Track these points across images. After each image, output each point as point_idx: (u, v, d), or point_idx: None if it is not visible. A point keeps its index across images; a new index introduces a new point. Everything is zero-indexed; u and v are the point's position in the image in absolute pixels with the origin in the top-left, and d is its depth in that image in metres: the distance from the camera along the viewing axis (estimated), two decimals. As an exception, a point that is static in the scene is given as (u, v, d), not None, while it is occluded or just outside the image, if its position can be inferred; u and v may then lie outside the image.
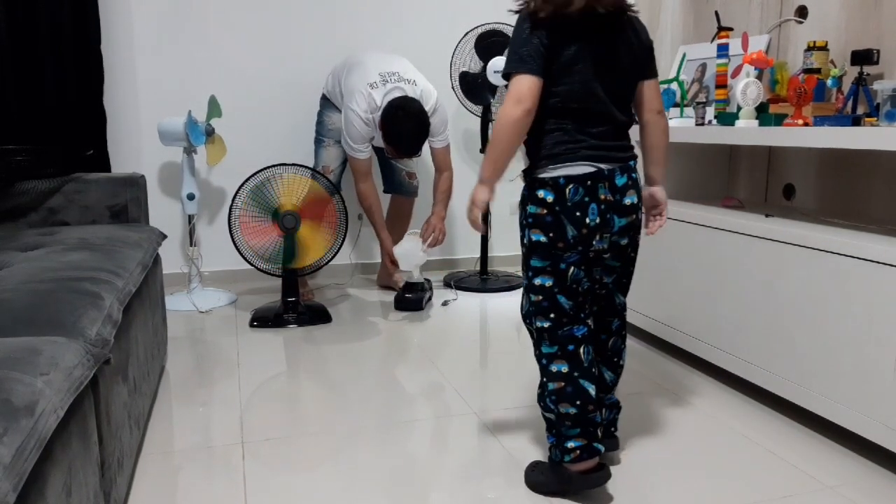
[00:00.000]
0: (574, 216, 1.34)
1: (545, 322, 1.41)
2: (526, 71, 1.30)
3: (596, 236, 1.36)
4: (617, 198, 1.37)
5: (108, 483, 1.18)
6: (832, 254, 1.58)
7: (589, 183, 1.34)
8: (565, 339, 1.40)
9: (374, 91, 2.68)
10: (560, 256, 1.37)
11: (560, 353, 1.40)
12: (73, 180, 2.09)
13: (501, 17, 3.20)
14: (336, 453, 1.60)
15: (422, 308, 2.78)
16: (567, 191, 1.34)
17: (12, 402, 0.80)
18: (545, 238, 1.36)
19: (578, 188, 1.33)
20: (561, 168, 1.34)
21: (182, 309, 2.78)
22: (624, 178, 1.37)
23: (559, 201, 1.34)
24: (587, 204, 1.34)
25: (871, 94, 1.81)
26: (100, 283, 1.36)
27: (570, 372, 1.39)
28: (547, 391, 1.42)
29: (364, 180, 2.79)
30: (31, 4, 2.61)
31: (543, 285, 1.39)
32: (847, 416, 1.58)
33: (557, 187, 1.34)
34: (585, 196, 1.34)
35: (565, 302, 1.39)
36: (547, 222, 1.36)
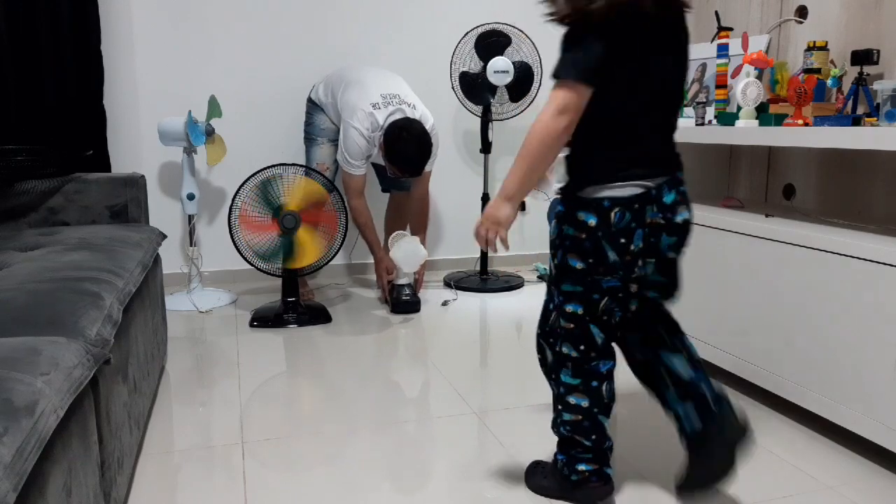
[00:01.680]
0: (618, 241, 1.22)
1: (572, 351, 1.32)
2: (576, 78, 1.15)
3: (639, 262, 1.26)
4: (668, 216, 1.24)
5: (108, 483, 1.18)
6: (832, 254, 1.58)
7: (636, 206, 1.21)
8: (590, 375, 1.31)
9: (377, 112, 2.69)
10: (597, 283, 1.26)
11: (582, 387, 1.32)
12: (73, 180, 2.09)
13: (501, 17, 3.21)
14: (336, 453, 1.60)
15: (419, 310, 2.78)
16: (612, 216, 1.21)
17: (12, 401, 0.80)
18: (582, 264, 1.25)
19: (625, 213, 1.21)
20: (606, 189, 1.21)
21: (182, 309, 2.78)
22: (672, 195, 1.24)
23: (602, 226, 1.22)
24: (633, 230, 1.22)
25: (871, 94, 1.81)
26: (100, 283, 1.36)
27: (590, 408, 1.32)
28: (562, 419, 1.36)
29: (357, 197, 2.79)
30: (32, 4, 2.61)
31: (575, 312, 1.29)
32: (847, 416, 1.58)
33: (601, 210, 1.21)
34: (632, 221, 1.22)
35: (598, 334, 1.30)
36: (586, 248, 1.24)
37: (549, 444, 1.65)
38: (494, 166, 3.53)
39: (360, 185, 2.79)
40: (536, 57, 3.09)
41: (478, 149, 3.23)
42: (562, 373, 1.35)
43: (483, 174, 3.25)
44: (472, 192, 3.44)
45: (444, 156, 3.48)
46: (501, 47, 3.04)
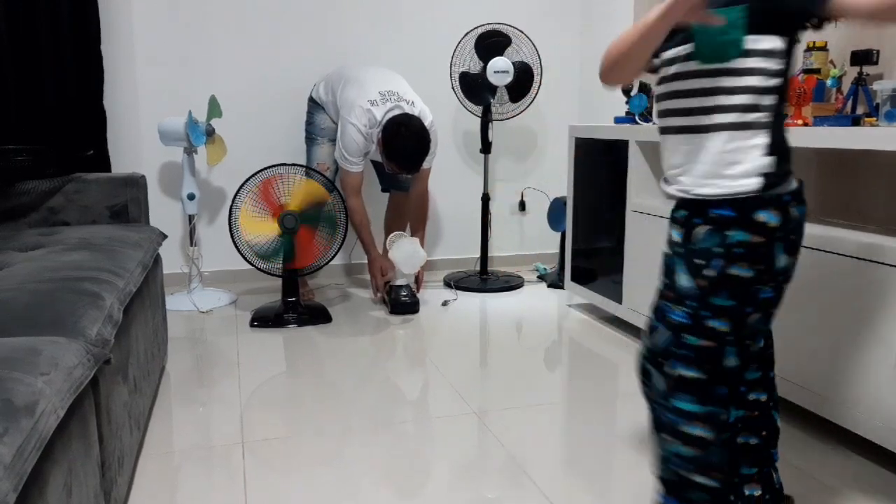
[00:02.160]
0: (790, 239, 1.06)
1: (697, 372, 1.09)
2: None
3: (795, 265, 1.10)
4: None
5: (109, 483, 1.18)
6: (832, 254, 1.59)
7: (803, 196, 1.07)
8: (718, 402, 1.10)
9: (375, 108, 2.69)
10: (755, 296, 1.07)
11: (706, 416, 1.09)
12: (73, 180, 2.09)
13: (501, 17, 3.21)
14: (336, 453, 1.60)
15: (418, 311, 2.78)
16: (790, 212, 1.05)
17: (13, 402, 0.80)
18: (752, 272, 1.05)
19: (800, 205, 1.07)
20: (784, 182, 1.05)
21: (182, 309, 2.78)
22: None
23: (784, 225, 1.05)
24: (803, 225, 1.08)
25: (871, 95, 1.81)
26: (100, 283, 1.36)
27: (717, 437, 1.09)
28: (680, 456, 1.11)
29: (355, 195, 2.79)
30: (32, 4, 2.61)
31: (716, 330, 1.07)
32: (848, 416, 1.58)
33: (782, 207, 1.04)
34: (803, 216, 1.08)
35: (732, 359, 1.09)
36: (760, 253, 1.05)
37: (548, 445, 1.65)
38: (494, 166, 3.53)
39: (357, 183, 2.79)
40: (536, 57, 3.09)
41: (478, 149, 3.23)
42: (680, 400, 1.11)
43: (483, 174, 3.25)
44: (472, 192, 3.44)
45: (444, 156, 3.48)
46: (501, 47, 3.04)
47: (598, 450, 1.62)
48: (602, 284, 2.68)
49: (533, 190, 3.61)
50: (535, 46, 3.09)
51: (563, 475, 1.51)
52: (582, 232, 2.78)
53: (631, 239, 2.36)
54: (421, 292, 2.93)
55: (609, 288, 2.60)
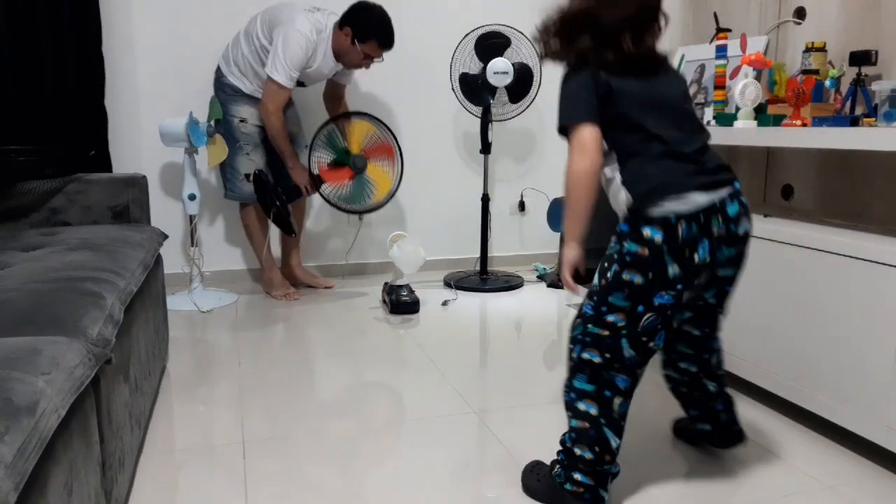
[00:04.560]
0: (682, 255, 1.23)
1: (595, 357, 1.30)
2: (580, 120, 1.26)
3: (701, 274, 1.28)
4: (731, 228, 1.27)
5: (110, 482, 1.19)
6: (831, 254, 1.59)
7: (702, 218, 1.23)
8: (606, 384, 1.31)
9: (317, 14, 2.68)
10: (649, 298, 1.26)
11: (595, 394, 1.31)
12: (74, 180, 2.10)
13: (501, 18, 3.21)
14: (336, 453, 1.61)
15: (418, 310, 2.78)
16: (679, 230, 1.22)
17: (14, 401, 0.80)
18: (642, 279, 1.25)
19: (691, 225, 1.22)
20: (670, 202, 1.22)
21: (183, 309, 2.78)
22: (735, 206, 1.28)
23: (668, 241, 1.22)
24: (698, 241, 1.24)
25: (870, 95, 1.81)
26: (101, 283, 1.37)
27: (598, 417, 1.31)
28: (569, 426, 1.36)
29: (280, 112, 2.71)
30: (32, 5, 2.61)
31: (614, 324, 1.28)
32: (847, 416, 1.58)
33: (667, 226, 1.22)
34: (698, 233, 1.23)
35: (627, 350, 1.29)
36: (647, 262, 1.24)
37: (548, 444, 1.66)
38: (494, 167, 3.54)
39: (285, 100, 2.73)
40: (536, 58, 3.09)
41: (477, 149, 3.23)
42: (577, 378, 1.33)
43: (483, 175, 3.25)
44: (472, 192, 3.44)
45: (443, 156, 3.49)
46: (501, 48, 3.05)
47: (597, 449, 1.62)
48: (602, 285, 2.68)
49: (533, 190, 3.62)
50: (534, 47, 3.09)
51: (563, 475, 1.51)
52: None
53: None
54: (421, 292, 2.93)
55: (609, 288, 2.60)
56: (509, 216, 3.64)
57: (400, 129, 3.34)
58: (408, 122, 3.37)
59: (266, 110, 2.71)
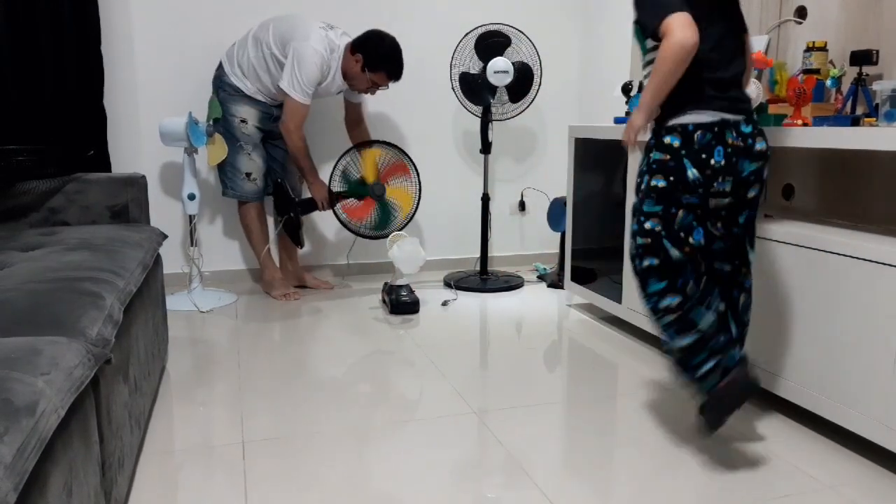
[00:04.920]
0: (699, 158, 1.43)
1: (653, 260, 1.49)
2: (674, 10, 1.40)
3: (719, 178, 1.45)
4: (749, 143, 1.47)
5: (109, 482, 1.19)
6: (832, 254, 1.59)
7: (717, 129, 1.43)
8: (673, 276, 1.47)
9: (330, 32, 2.71)
10: (677, 199, 1.46)
11: (669, 287, 1.47)
12: (73, 180, 2.10)
13: (501, 17, 3.21)
14: (336, 453, 1.61)
15: (418, 310, 2.78)
16: (695, 136, 1.43)
17: (13, 401, 0.80)
18: (665, 182, 1.46)
19: (706, 133, 1.43)
20: (690, 115, 1.43)
21: (183, 309, 2.78)
22: (749, 127, 1.47)
23: (685, 146, 1.44)
24: (713, 147, 1.43)
25: (871, 95, 1.81)
26: (100, 283, 1.37)
27: (682, 303, 1.45)
28: (665, 332, 1.48)
29: (300, 129, 2.73)
30: (32, 5, 2.61)
31: (652, 229, 1.48)
32: (847, 416, 1.58)
33: (685, 133, 1.44)
34: (712, 140, 1.43)
35: (672, 250, 1.47)
36: (669, 167, 1.45)
37: (548, 444, 1.66)
38: (494, 166, 3.54)
39: (305, 115, 2.74)
40: (536, 57, 3.09)
41: (478, 149, 3.23)
42: (650, 284, 1.50)
43: (483, 174, 3.25)
44: (472, 192, 3.44)
45: (443, 156, 3.49)
46: (501, 48, 3.04)
47: (598, 449, 1.62)
48: (602, 284, 2.68)
49: (533, 190, 3.61)
50: (534, 47, 3.09)
51: (563, 475, 1.51)
52: (582, 232, 2.78)
53: (631, 239, 2.36)
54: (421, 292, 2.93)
55: (609, 288, 2.60)
56: (509, 216, 3.64)
57: (400, 129, 3.34)
58: (408, 121, 3.37)
59: (287, 128, 2.72)
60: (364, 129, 3.09)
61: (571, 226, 2.81)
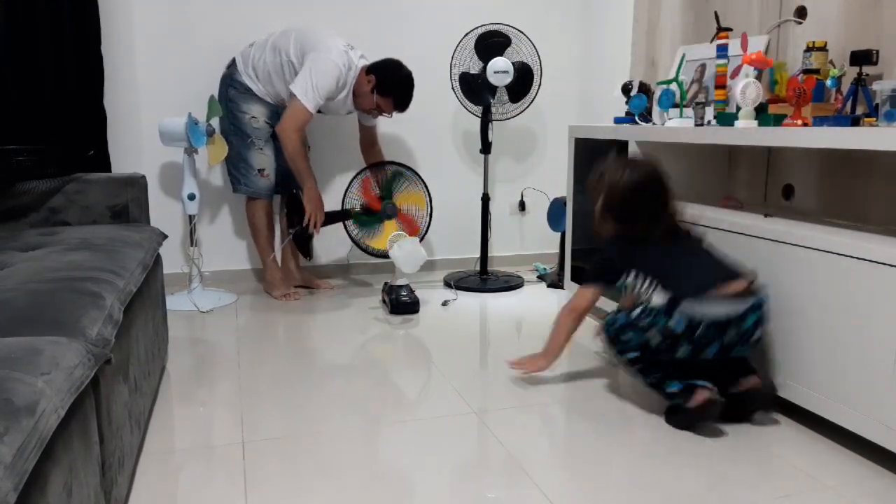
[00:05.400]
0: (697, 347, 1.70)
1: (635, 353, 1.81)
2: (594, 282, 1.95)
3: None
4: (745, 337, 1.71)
5: (109, 482, 1.19)
6: (832, 254, 1.59)
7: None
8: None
9: (351, 52, 2.73)
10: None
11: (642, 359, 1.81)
12: (73, 180, 2.09)
13: (501, 17, 3.21)
14: (336, 453, 1.61)
15: (418, 310, 2.78)
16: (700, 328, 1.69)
17: (13, 401, 0.80)
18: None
19: (710, 327, 1.68)
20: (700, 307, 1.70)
21: (183, 309, 2.78)
22: (755, 317, 1.70)
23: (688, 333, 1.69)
24: (712, 341, 1.69)
25: (871, 95, 1.81)
26: (101, 283, 1.37)
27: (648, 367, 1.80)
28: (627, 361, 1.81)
29: (300, 131, 2.72)
30: (32, 5, 2.61)
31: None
32: (847, 416, 1.58)
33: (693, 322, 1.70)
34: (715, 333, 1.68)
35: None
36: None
37: (548, 444, 1.66)
38: (494, 166, 3.54)
39: (307, 121, 2.72)
40: (536, 57, 3.09)
41: (478, 149, 3.23)
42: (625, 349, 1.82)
43: (483, 174, 3.25)
44: (472, 192, 3.44)
45: (443, 156, 3.49)
46: (501, 48, 3.04)
47: (597, 449, 1.62)
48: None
49: (533, 190, 3.61)
50: (534, 47, 3.09)
51: (563, 475, 1.51)
52: (582, 232, 2.78)
53: (631, 239, 2.36)
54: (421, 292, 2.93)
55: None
56: (509, 216, 3.64)
57: (400, 129, 3.34)
58: (408, 121, 3.37)
59: (284, 129, 2.71)
60: (378, 152, 3.11)
61: (571, 226, 2.81)
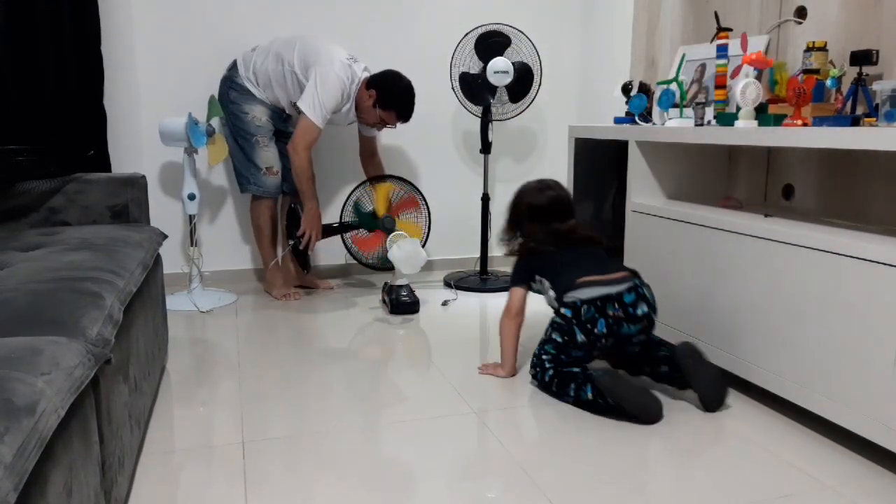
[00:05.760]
0: (586, 328, 1.85)
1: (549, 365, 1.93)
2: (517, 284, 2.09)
3: (602, 340, 1.85)
4: (629, 311, 1.83)
5: (109, 482, 1.19)
6: (831, 254, 1.59)
7: (599, 303, 1.83)
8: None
9: (355, 65, 2.73)
10: (568, 352, 1.91)
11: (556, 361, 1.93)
12: (73, 180, 2.09)
13: (501, 17, 3.21)
14: (336, 453, 1.61)
15: (418, 310, 2.78)
16: (582, 310, 1.84)
17: (13, 401, 0.80)
18: (561, 339, 1.90)
19: (591, 307, 1.84)
20: (577, 293, 1.88)
21: (183, 309, 2.78)
22: (632, 296, 1.85)
23: (575, 317, 1.85)
24: (596, 319, 1.83)
25: (871, 95, 1.81)
26: (101, 283, 1.37)
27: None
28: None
29: (309, 150, 2.73)
30: (32, 5, 2.61)
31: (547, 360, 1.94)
32: (847, 416, 1.58)
33: (574, 307, 1.86)
34: (595, 313, 1.83)
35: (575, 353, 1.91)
36: (565, 329, 1.88)
37: (548, 444, 1.66)
38: (494, 167, 3.54)
39: (316, 138, 2.74)
40: (536, 57, 3.09)
41: (478, 149, 3.23)
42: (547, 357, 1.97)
43: (483, 174, 3.25)
44: (472, 192, 3.44)
45: (443, 156, 3.49)
46: (501, 48, 3.04)
47: (597, 449, 1.62)
48: (602, 284, 2.67)
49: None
50: (535, 47, 3.09)
51: (563, 475, 1.51)
52: (582, 232, 2.77)
53: (631, 239, 2.36)
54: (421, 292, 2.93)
55: (609, 288, 2.60)
56: (509, 216, 3.64)
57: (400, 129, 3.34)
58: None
59: (295, 148, 2.72)
60: (378, 163, 3.12)
61: (571, 226, 2.80)
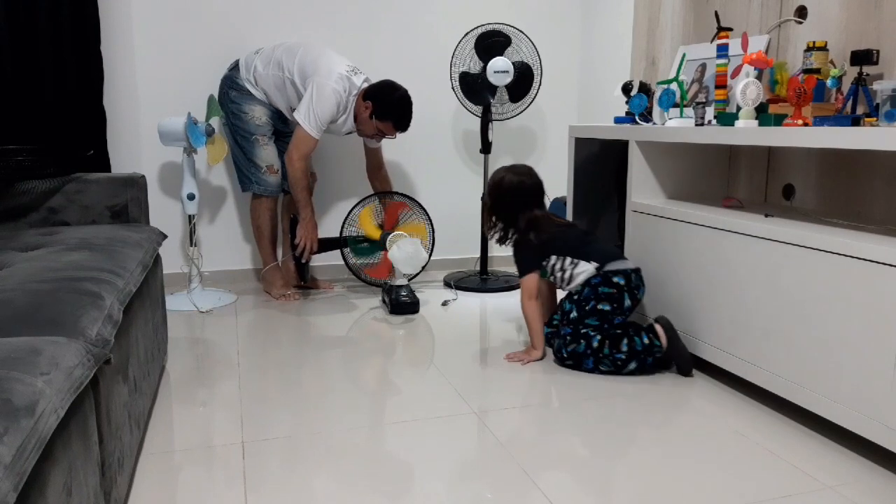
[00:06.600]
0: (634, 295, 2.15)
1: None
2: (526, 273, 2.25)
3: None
4: (636, 293, 2.15)
5: (109, 483, 1.19)
6: (832, 254, 1.59)
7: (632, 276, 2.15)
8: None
9: (354, 77, 2.73)
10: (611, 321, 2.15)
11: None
12: (73, 180, 2.09)
13: (501, 17, 3.21)
14: (336, 453, 1.61)
15: (418, 311, 2.78)
16: (615, 281, 2.13)
17: (13, 401, 0.80)
18: (609, 307, 2.13)
19: (620, 276, 2.13)
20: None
21: (182, 309, 2.78)
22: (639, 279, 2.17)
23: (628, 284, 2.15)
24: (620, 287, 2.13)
25: (871, 95, 1.81)
26: (100, 283, 1.36)
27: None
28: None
29: (306, 159, 2.75)
30: (32, 5, 2.61)
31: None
32: (847, 416, 1.58)
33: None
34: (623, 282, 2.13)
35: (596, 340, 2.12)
36: (614, 297, 2.14)
37: (549, 445, 1.66)
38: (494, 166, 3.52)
39: (312, 148, 2.75)
40: (536, 57, 3.09)
41: (478, 149, 3.23)
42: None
43: (483, 174, 3.25)
44: (472, 192, 3.44)
45: (443, 156, 3.49)
46: (501, 47, 3.04)
47: (598, 449, 1.62)
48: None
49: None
50: (535, 46, 3.09)
51: (563, 475, 1.51)
52: (582, 232, 2.77)
53: (631, 238, 2.36)
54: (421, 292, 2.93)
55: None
56: (509, 216, 3.64)
57: (400, 129, 3.34)
58: (408, 121, 3.37)
59: (291, 158, 2.73)
60: (384, 176, 3.11)
61: (571, 226, 2.80)
